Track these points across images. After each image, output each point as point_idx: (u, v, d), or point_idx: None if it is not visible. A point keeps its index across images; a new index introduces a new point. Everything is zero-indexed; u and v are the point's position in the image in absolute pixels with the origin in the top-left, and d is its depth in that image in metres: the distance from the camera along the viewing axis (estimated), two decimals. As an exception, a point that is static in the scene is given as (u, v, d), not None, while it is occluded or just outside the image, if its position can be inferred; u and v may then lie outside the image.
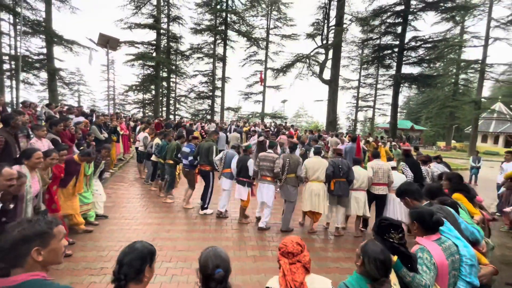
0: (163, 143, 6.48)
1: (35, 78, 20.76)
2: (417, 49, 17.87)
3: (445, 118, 30.72)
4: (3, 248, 1.00)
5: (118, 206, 5.75)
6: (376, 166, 4.80)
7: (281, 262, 1.54)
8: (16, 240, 1.02)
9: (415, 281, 1.58)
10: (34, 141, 4.44)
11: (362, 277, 1.45)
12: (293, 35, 24.63)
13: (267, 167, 4.77)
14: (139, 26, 20.95)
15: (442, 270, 1.69)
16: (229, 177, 5.27)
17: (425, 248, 1.71)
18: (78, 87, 36.90)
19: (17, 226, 1.06)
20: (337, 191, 4.66)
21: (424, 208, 1.91)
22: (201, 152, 5.54)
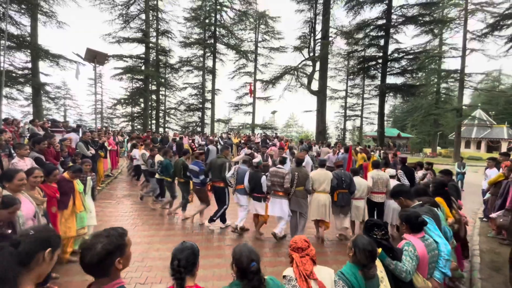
0: (166, 161, 6.23)
1: (18, 93, 20.18)
2: (399, 60, 18.66)
3: (430, 125, 31.74)
4: (93, 264, 1.15)
5: (106, 225, 5.49)
6: (376, 176, 5.11)
7: (293, 255, 1.80)
8: (102, 255, 1.16)
9: (397, 268, 1.94)
10: (16, 161, 4.28)
11: (354, 265, 1.78)
12: (281, 48, 25.24)
13: (278, 182, 4.82)
14: (128, 40, 20.98)
15: (423, 261, 2.07)
16: (244, 193, 5.20)
17: (410, 243, 2.09)
18: (64, 101, 36.14)
19: (96, 241, 1.20)
20: (340, 202, 4.94)
21: (411, 211, 2.26)
22: (213, 169, 5.45)
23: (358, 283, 1.70)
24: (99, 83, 32.74)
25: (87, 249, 1.16)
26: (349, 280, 1.71)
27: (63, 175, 3.90)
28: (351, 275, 1.73)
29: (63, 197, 3.71)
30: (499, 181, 5.60)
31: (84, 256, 1.15)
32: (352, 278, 1.71)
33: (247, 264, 1.47)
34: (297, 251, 1.80)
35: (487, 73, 27.10)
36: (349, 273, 1.74)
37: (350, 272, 1.74)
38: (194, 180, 5.64)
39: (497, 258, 4.46)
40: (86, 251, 1.16)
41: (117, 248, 1.21)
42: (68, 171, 3.93)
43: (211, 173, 5.50)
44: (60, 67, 16.70)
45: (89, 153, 6.90)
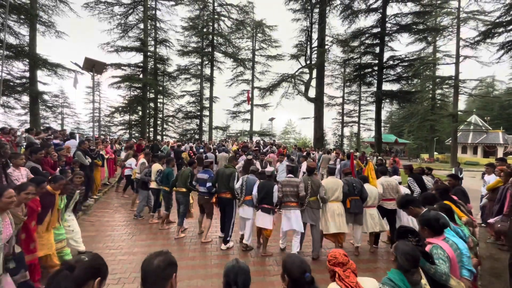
0: (167, 169, 6.06)
1: (16, 102, 20.17)
2: (395, 67, 18.93)
3: (426, 131, 32.02)
4: (156, 279, 1.23)
5: (102, 235, 5.47)
6: (385, 182, 5.03)
7: (336, 270, 1.75)
8: (165, 272, 1.24)
9: (437, 271, 1.96)
10: (11, 171, 4.24)
11: (397, 271, 1.77)
12: (278, 56, 25.60)
13: (291, 192, 4.55)
14: (126, 49, 21.14)
15: (454, 262, 2.11)
16: (251, 205, 4.90)
17: (438, 246, 2.10)
18: (61, 110, 36.08)
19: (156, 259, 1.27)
20: (353, 209, 4.74)
21: (431, 215, 2.29)
22: (221, 179, 5.09)
23: (406, 287, 1.69)
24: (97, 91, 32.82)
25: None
26: (397, 285, 1.69)
27: (47, 188, 3.55)
28: (399, 281, 1.71)
29: (42, 210, 3.39)
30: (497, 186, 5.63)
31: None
32: (400, 283, 1.70)
33: (301, 275, 1.46)
34: (338, 265, 1.75)
35: (481, 79, 27.55)
36: (397, 279, 1.72)
37: (398, 278, 1.72)
38: (201, 190, 5.31)
39: (497, 264, 4.45)
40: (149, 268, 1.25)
41: (175, 265, 1.32)
42: (50, 183, 3.59)
43: (218, 184, 5.14)
44: (58, 76, 16.76)
45: (87, 162, 6.85)
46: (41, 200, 3.39)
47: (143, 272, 1.27)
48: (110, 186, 9.49)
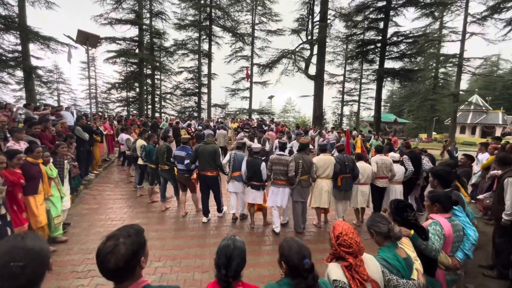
0: (149, 146, 6.00)
1: (9, 77, 19.74)
2: (398, 44, 18.36)
3: (426, 110, 31.83)
4: (119, 268, 1.03)
5: (104, 208, 5.65)
6: (380, 161, 5.05)
7: (350, 260, 1.54)
8: (129, 257, 1.05)
9: (428, 247, 2.00)
10: (11, 144, 4.29)
11: (387, 247, 1.77)
12: (278, 31, 24.63)
13: (281, 171, 4.52)
14: (120, 21, 20.26)
15: (449, 239, 2.18)
16: (241, 180, 4.90)
17: (437, 222, 2.16)
18: (57, 86, 35.38)
19: (116, 243, 1.06)
20: (344, 187, 4.86)
21: (440, 192, 2.35)
22: (202, 157, 4.89)
23: (400, 264, 1.69)
24: (92, 67, 31.98)
25: (109, 253, 1.04)
26: (393, 265, 1.68)
27: (27, 158, 3.62)
28: (393, 259, 1.69)
29: (30, 181, 3.49)
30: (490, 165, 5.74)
31: (107, 262, 1.03)
32: (395, 261, 1.69)
33: (299, 261, 1.34)
34: (352, 254, 1.56)
35: (486, 58, 26.92)
36: (390, 258, 1.69)
37: (391, 256, 1.70)
38: (180, 167, 5.17)
39: (482, 237, 4.66)
40: (109, 256, 1.03)
41: (140, 247, 1.12)
42: (29, 154, 3.65)
43: (199, 161, 4.96)
44: (51, 50, 16.23)
45: (87, 137, 6.86)
46: (26, 171, 3.46)
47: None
48: (110, 162, 9.61)
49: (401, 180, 5.20)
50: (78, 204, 5.73)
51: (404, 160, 5.38)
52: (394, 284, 1.62)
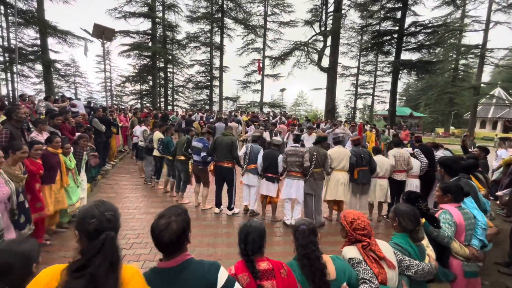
0: (167, 138, 6.06)
1: (30, 70, 20.50)
2: (416, 34, 17.63)
3: (444, 104, 30.68)
4: (173, 242, 1.19)
5: (121, 197, 5.87)
6: (397, 154, 4.97)
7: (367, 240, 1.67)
8: (180, 232, 1.21)
9: (440, 235, 2.07)
10: (35, 135, 4.50)
11: (402, 234, 1.85)
12: (291, 22, 24.17)
13: (296, 162, 4.50)
14: (134, 15, 20.51)
15: (460, 228, 2.19)
16: (256, 173, 4.90)
17: (447, 211, 2.20)
18: (74, 79, 36.46)
19: (169, 221, 1.22)
20: (361, 180, 4.81)
21: (452, 183, 2.42)
22: (219, 148, 4.92)
23: (413, 249, 1.79)
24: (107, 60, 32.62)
25: (163, 230, 1.18)
26: (405, 249, 1.78)
27: (47, 149, 3.73)
28: (405, 244, 1.80)
29: (49, 171, 3.58)
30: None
31: (162, 237, 1.18)
32: (407, 246, 1.79)
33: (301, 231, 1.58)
34: (367, 236, 1.67)
35: (511, 49, 25.39)
36: (403, 242, 1.80)
37: (403, 241, 1.80)
38: (195, 158, 5.23)
39: (499, 234, 4.55)
40: (163, 232, 1.18)
41: (187, 224, 1.27)
42: (49, 144, 3.76)
43: (216, 153, 4.99)
44: (68, 43, 16.69)
45: (103, 129, 7.09)
46: (46, 161, 3.58)
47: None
48: (126, 153, 9.91)
49: (417, 174, 5.10)
50: (96, 193, 5.98)
51: (416, 153, 5.27)
52: (407, 265, 1.70)
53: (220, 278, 1.23)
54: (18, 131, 3.97)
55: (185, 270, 1.22)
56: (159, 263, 1.25)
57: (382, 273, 1.56)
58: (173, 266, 1.21)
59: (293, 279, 1.43)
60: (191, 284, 1.19)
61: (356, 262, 1.59)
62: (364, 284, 1.50)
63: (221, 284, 1.22)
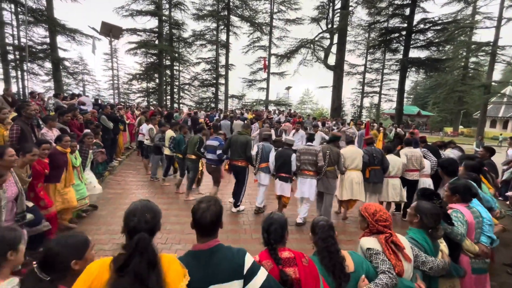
0: (179, 136, 6.08)
1: (39, 68, 20.88)
2: (425, 31, 17.31)
3: (453, 103, 30.12)
4: (213, 221, 1.34)
5: (128, 193, 5.96)
6: (409, 153, 4.97)
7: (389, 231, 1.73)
8: (218, 214, 1.37)
9: (454, 232, 2.12)
10: (45, 131, 4.59)
11: (419, 230, 1.89)
12: (297, 19, 24.01)
13: (309, 160, 4.50)
14: (141, 13, 20.67)
15: (471, 226, 2.24)
16: (267, 172, 4.93)
17: (458, 210, 2.25)
18: (82, 77, 36.96)
19: (208, 204, 1.36)
20: (372, 179, 4.84)
21: (460, 183, 2.43)
22: (234, 146, 4.96)
23: (428, 245, 1.85)
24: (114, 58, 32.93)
25: (205, 211, 1.32)
26: (420, 244, 1.84)
27: (56, 147, 3.72)
28: (422, 240, 1.85)
29: (55, 170, 3.57)
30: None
31: (204, 217, 1.31)
32: (423, 242, 1.85)
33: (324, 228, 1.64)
34: (388, 227, 1.73)
35: (524, 46, 24.68)
36: (419, 238, 1.85)
37: (420, 237, 1.86)
38: (209, 157, 5.26)
39: (507, 235, 4.46)
40: (205, 213, 1.31)
41: (222, 210, 1.40)
42: (58, 143, 3.76)
43: (231, 151, 5.03)
44: (76, 42, 16.92)
45: (111, 126, 7.18)
46: (53, 160, 3.56)
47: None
48: (132, 150, 10.03)
49: (429, 173, 5.06)
50: (104, 189, 6.02)
51: (424, 153, 5.24)
52: (422, 260, 1.75)
53: (246, 261, 1.34)
54: (29, 127, 4.05)
55: (217, 253, 1.33)
56: (194, 246, 1.37)
57: (399, 265, 1.61)
58: (206, 249, 1.33)
59: (314, 267, 1.49)
60: (222, 266, 1.30)
61: (374, 253, 1.64)
62: (383, 275, 1.55)
63: (248, 267, 1.32)
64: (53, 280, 1.17)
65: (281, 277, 1.39)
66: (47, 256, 1.20)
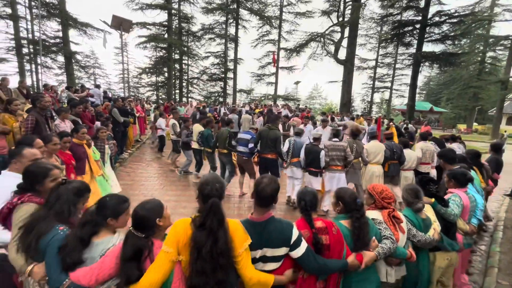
0: (207, 131, 6.04)
1: (52, 61, 21.33)
2: (441, 24, 16.77)
3: (468, 99, 29.20)
4: (272, 195, 1.62)
5: (137, 184, 6.08)
6: (424, 147, 5.32)
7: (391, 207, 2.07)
8: (277, 190, 1.64)
9: (447, 212, 2.35)
10: (58, 122, 4.71)
11: (407, 208, 2.26)
12: (307, 13, 23.58)
13: (338, 156, 4.72)
14: (150, 6, 20.75)
15: (466, 209, 2.56)
16: (299, 166, 5.03)
17: (456, 194, 2.52)
18: (93, 70, 37.57)
19: (270, 181, 1.64)
20: (391, 172, 5.10)
21: (458, 170, 2.77)
22: (264, 141, 5.09)
23: (418, 222, 2.17)
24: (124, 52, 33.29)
25: (266, 185, 1.60)
26: (411, 220, 2.16)
27: (73, 140, 3.70)
28: (412, 216, 2.19)
29: (78, 162, 3.59)
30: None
31: (265, 191, 1.59)
32: (414, 219, 2.17)
33: (353, 200, 1.90)
34: (391, 204, 2.07)
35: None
36: (410, 215, 2.19)
37: (411, 214, 2.20)
38: (241, 149, 5.31)
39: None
40: (266, 187, 1.60)
41: (279, 188, 1.68)
42: (74, 136, 3.76)
43: (261, 145, 5.14)
44: (88, 35, 17.20)
45: (122, 119, 7.29)
46: (74, 152, 3.58)
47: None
48: (142, 142, 10.19)
49: (435, 165, 5.37)
50: (114, 180, 6.22)
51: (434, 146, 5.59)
52: (413, 234, 2.09)
53: (294, 234, 1.62)
54: (43, 118, 4.15)
55: (269, 224, 1.62)
56: (251, 217, 1.67)
57: (396, 234, 1.96)
58: (261, 221, 1.62)
59: (341, 236, 1.79)
60: (273, 235, 1.60)
61: (378, 222, 1.99)
62: (386, 240, 1.90)
63: (294, 239, 1.61)
64: (147, 236, 1.47)
65: (314, 240, 1.69)
66: (137, 219, 1.49)
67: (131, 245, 1.42)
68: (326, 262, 1.67)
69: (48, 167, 1.89)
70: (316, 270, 1.66)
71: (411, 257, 2.02)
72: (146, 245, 1.45)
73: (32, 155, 2.12)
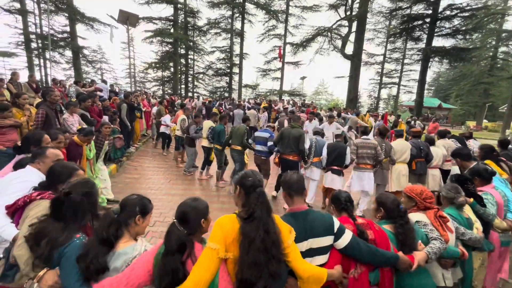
0: (219, 126, 5.74)
1: (60, 56, 21.56)
2: (452, 18, 16.33)
3: (478, 95, 28.57)
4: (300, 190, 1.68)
5: (144, 178, 6.15)
6: (446, 144, 5.35)
7: (436, 208, 2.03)
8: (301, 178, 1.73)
9: (486, 212, 2.34)
10: (67, 116, 4.77)
11: (450, 207, 2.22)
12: (314, 6, 23.20)
13: (368, 154, 4.50)
14: (157, 0, 20.70)
15: (500, 206, 2.52)
16: (319, 166, 4.87)
17: (487, 193, 2.50)
18: (100, 65, 37.86)
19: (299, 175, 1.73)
20: (418, 171, 5.01)
21: (479, 166, 2.72)
22: (286, 140, 4.79)
23: (462, 219, 2.15)
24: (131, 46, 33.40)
25: (291, 174, 1.71)
26: (457, 219, 2.13)
27: (73, 138, 3.68)
28: (456, 215, 2.15)
29: (69, 161, 3.42)
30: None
31: (299, 184, 1.68)
32: (458, 217, 2.15)
33: (396, 206, 1.87)
34: (433, 203, 2.05)
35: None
36: (454, 213, 2.16)
37: (455, 213, 2.17)
38: (258, 148, 5.16)
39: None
40: (300, 181, 1.69)
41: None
42: (78, 135, 3.71)
43: (281, 145, 4.85)
44: (95, 30, 17.31)
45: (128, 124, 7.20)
46: (69, 151, 3.52)
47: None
48: (148, 137, 10.29)
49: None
50: (121, 174, 6.31)
51: (454, 143, 5.53)
52: (462, 232, 2.06)
53: (335, 222, 1.64)
54: (53, 112, 4.22)
55: (310, 214, 1.64)
56: (290, 208, 1.68)
57: (445, 235, 1.91)
58: (301, 211, 1.64)
59: (385, 233, 1.76)
60: (316, 224, 1.61)
61: (423, 224, 1.93)
62: (434, 241, 1.84)
63: (337, 226, 1.61)
64: (189, 234, 1.39)
65: (359, 231, 1.69)
66: (183, 213, 1.43)
67: (176, 237, 1.33)
68: (377, 248, 1.63)
69: (74, 167, 1.93)
70: (368, 255, 1.59)
71: (463, 254, 1.96)
72: (190, 242, 1.36)
73: (55, 155, 2.18)
